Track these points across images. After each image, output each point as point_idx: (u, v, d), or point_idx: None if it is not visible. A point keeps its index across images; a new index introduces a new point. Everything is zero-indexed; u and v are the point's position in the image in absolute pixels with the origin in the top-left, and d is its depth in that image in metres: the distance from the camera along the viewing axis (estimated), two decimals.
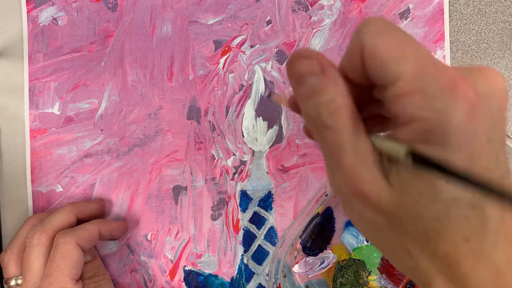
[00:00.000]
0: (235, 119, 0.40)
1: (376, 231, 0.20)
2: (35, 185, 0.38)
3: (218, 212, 0.39)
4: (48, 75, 0.38)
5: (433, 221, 0.18)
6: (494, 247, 0.19)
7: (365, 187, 0.18)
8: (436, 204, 0.18)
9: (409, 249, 0.20)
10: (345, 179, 0.19)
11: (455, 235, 0.19)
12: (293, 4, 0.40)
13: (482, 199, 0.18)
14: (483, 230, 0.19)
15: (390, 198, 0.18)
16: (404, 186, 0.18)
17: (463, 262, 0.19)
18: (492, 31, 0.41)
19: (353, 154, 0.19)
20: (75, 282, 0.32)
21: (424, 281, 0.21)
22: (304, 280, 0.39)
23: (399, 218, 0.19)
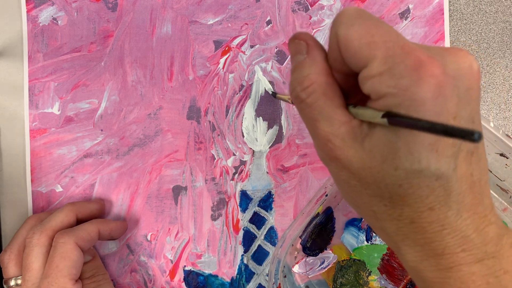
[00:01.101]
0: (235, 119, 0.40)
1: (350, 191, 0.22)
2: (35, 185, 0.38)
3: (218, 212, 0.39)
4: (48, 75, 0.38)
5: (396, 187, 0.20)
6: (459, 215, 0.20)
7: (337, 152, 0.21)
8: (397, 171, 0.19)
9: (375, 211, 0.22)
10: (320, 146, 0.21)
11: (420, 203, 0.20)
12: (293, 4, 0.40)
13: (446, 172, 0.19)
14: (447, 199, 0.20)
15: (359, 162, 0.20)
16: (373, 151, 0.20)
17: (429, 229, 0.20)
18: (492, 31, 0.41)
19: (326, 124, 0.21)
20: (74, 282, 0.32)
21: (393, 244, 0.23)
22: (304, 280, 0.39)
23: (367, 182, 0.20)
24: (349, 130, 0.20)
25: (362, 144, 0.20)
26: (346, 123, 0.20)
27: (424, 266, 0.22)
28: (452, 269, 0.21)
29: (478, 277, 0.21)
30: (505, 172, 0.37)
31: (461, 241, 0.20)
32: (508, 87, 0.42)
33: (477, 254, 0.21)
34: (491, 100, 0.42)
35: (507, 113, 0.42)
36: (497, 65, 0.41)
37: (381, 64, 0.19)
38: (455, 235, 0.20)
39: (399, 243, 0.22)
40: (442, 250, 0.21)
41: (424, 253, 0.21)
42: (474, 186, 0.20)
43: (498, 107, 0.42)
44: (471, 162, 0.20)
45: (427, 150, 0.19)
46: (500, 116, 0.42)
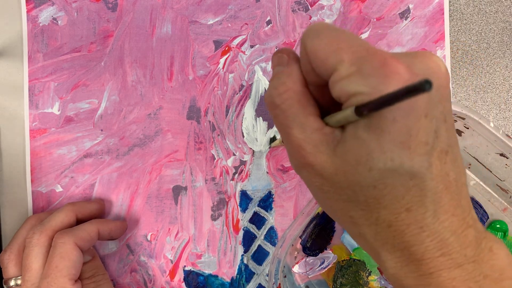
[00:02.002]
0: (235, 119, 0.40)
1: (325, 198, 0.22)
2: (35, 185, 0.38)
3: (218, 212, 0.39)
4: (48, 75, 0.38)
5: (371, 189, 0.20)
6: (437, 217, 0.20)
7: (309, 158, 0.21)
8: (371, 172, 0.19)
9: (353, 216, 0.21)
10: (293, 152, 0.22)
11: (396, 204, 0.20)
12: (293, 4, 0.40)
13: (420, 170, 0.19)
14: (423, 200, 0.20)
15: (332, 167, 0.20)
16: (346, 155, 0.20)
17: (407, 231, 0.20)
18: (492, 31, 0.41)
19: (298, 131, 0.21)
20: (74, 282, 0.32)
21: (372, 251, 0.22)
22: (304, 280, 0.39)
23: (340, 186, 0.20)
24: (321, 137, 0.21)
25: (335, 150, 0.20)
26: (318, 130, 0.21)
27: (404, 273, 0.21)
28: (432, 275, 0.21)
29: (459, 283, 0.20)
30: (505, 172, 0.37)
31: (440, 244, 0.20)
32: (508, 87, 0.42)
33: (457, 258, 0.20)
34: (491, 100, 0.42)
35: (507, 113, 0.42)
36: (497, 65, 0.41)
37: (348, 67, 0.19)
38: (434, 238, 0.20)
39: (378, 249, 0.22)
40: (421, 254, 0.20)
41: (404, 258, 0.21)
42: (451, 186, 0.20)
43: (498, 107, 0.42)
44: (446, 161, 0.20)
45: (399, 148, 0.19)
46: (500, 116, 0.42)
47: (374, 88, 0.18)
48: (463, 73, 0.42)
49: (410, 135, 0.19)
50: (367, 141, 0.19)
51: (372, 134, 0.19)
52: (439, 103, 0.20)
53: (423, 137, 0.19)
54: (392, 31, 0.40)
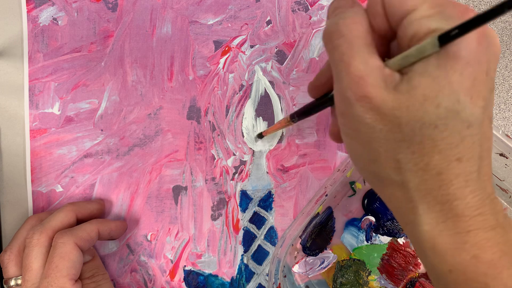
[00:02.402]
0: (235, 119, 0.40)
1: (371, 139, 0.21)
2: (35, 185, 0.38)
3: (218, 212, 0.39)
4: (48, 75, 0.38)
5: (432, 128, 0.20)
6: (480, 175, 0.21)
7: (370, 90, 0.20)
8: (438, 109, 0.19)
9: (400, 160, 0.21)
10: (351, 83, 0.21)
11: (449, 151, 0.20)
12: (293, 4, 0.40)
13: (477, 121, 0.20)
14: (473, 153, 0.20)
15: (394, 101, 0.20)
16: (413, 90, 0.20)
17: (454, 182, 0.20)
18: None
19: (362, 63, 0.20)
20: (74, 282, 0.32)
21: (409, 205, 0.22)
22: (304, 280, 0.39)
23: (399, 123, 0.20)
24: (381, 75, 0.20)
25: (396, 88, 0.20)
26: (379, 69, 0.21)
27: (439, 229, 0.21)
28: (470, 234, 0.21)
29: (494, 244, 0.21)
30: (504, 172, 0.37)
31: (479, 203, 0.21)
32: (508, 87, 0.42)
33: (491, 220, 0.21)
34: None
35: (507, 113, 0.42)
36: (497, 65, 0.42)
37: (430, 8, 0.20)
38: (475, 195, 0.20)
39: (417, 201, 0.21)
40: (462, 210, 0.20)
41: (443, 213, 0.21)
42: (490, 151, 0.21)
43: (498, 107, 0.42)
44: (491, 127, 0.21)
45: (464, 94, 0.19)
46: (500, 116, 0.42)
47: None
48: None
49: (474, 84, 0.19)
50: (439, 78, 0.19)
51: (445, 72, 0.19)
52: (494, 70, 0.21)
53: (483, 91, 0.20)
54: None
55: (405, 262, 0.39)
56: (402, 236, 0.39)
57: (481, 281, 0.21)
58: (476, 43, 0.19)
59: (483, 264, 0.20)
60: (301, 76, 0.40)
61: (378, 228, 0.39)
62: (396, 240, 0.39)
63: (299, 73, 0.40)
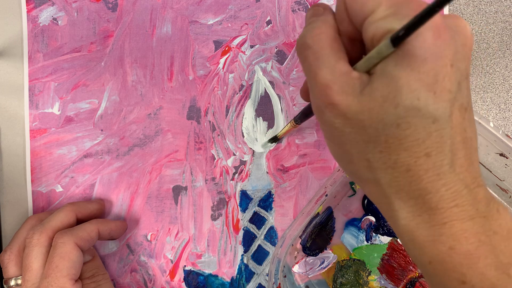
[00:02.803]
0: (235, 119, 0.40)
1: (343, 141, 0.22)
2: (35, 185, 0.38)
3: (218, 212, 0.39)
4: (48, 75, 0.38)
5: (394, 127, 0.20)
6: (453, 167, 0.21)
7: (336, 97, 0.21)
8: (397, 109, 0.20)
9: (369, 159, 0.22)
10: (319, 92, 0.22)
11: (416, 148, 0.20)
12: (293, 4, 0.40)
13: (442, 116, 0.20)
14: (443, 147, 0.20)
15: (357, 106, 0.21)
16: (373, 93, 0.20)
17: (424, 177, 0.21)
18: (492, 31, 0.41)
19: (328, 72, 0.21)
20: (74, 282, 0.32)
21: (385, 200, 0.22)
22: (304, 280, 0.39)
23: (363, 125, 0.21)
24: (348, 80, 0.21)
25: (362, 91, 0.21)
26: (346, 74, 0.21)
27: (416, 223, 0.22)
28: (445, 225, 0.21)
29: (470, 235, 0.21)
30: (504, 172, 0.37)
31: (454, 195, 0.21)
32: (508, 87, 0.42)
33: (469, 211, 0.21)
34: (490, 100, 0.42)
35: (507, 113, 0.42)
36: (497, 65, 0.41)
37: (386, 9, 0.20)
38: (449, 187, 0.21)
39: (392, 196, 0.22)
40: (436, 203, 0.21)
41: (418, 207, 0.21)
42: (467, 142, 0.21)
43: (498, 107, 0.42)
44: (465, 117, 0.21)
45: (426, 90, 0.19)
46: (500, 116, 0.42)
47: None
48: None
49: (437, 79, 0.19)
50: (396, 77, 0.20)
51: (402, 71, 0.19)
52: (463, 59, 0.20)
53: (447, 84, 0.20)
54: None
55: (405, 262, 0.39)
56: None
57: (458, 271, 0.21)
58: (433, 38, 0.19)
59: (459, 254, 0.21)
60: (301, 76, 0.40)
61: (378, 228, 0.39)
62: (396, 240, 0.39)
63: (299, 73, 0.40)
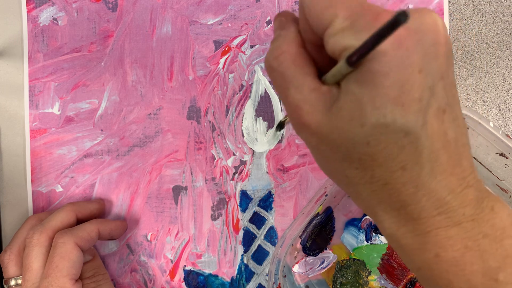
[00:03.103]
0: (235, 119, 0.40)
1: (322, 158, 0.22)
2: (35, 185, 0.38)
3: (218, 212, 0.39)
4: (48, 75, 0.38)
5: (364, 145, 0.19)
6: (434, 176, 0.20)
7: (306, 117, 0.21)
8: (364, 128, 0.19)
9: (347, 175, 0.21)
10: (291, 113, 0.21)
11: (390, 162, 0.20)
12: (293, 4, 0.40)
13: (414, 128, 0.19)
14: (419, 158, 0.19)
15: (327, 125, 0.20)
16: (340, 111, 0.20)
17: (402, 190, 0.20)
18: (492, 31, 0.41)
19: (296, 92, 0.21)
20: (74, 282, 0.32)
21: (369, 210, 0.22)
22: (304, 280, 0.39)
23: (335, 145, 0.20)
24: (318, 96, 0.20)
25: (331, 108, 0.20)
26: (315, 90, 0.21)
27: (401, 233, 0.21)
28: (429, 234, 0.21)
29: (456, 241, 0.20)
30: (504, 172, 0.37)
31: (437, 203, 0.20)
32: (508, 87, 0.42)
33: (454, 217, 0.20)
34: (490, 100, 0.42)
35: (506, 113, 0.42)
36: (497, 65, 0.41)
37: (342, 21, 0.19)
38: (430, 196, 0.20)
39: (375, 208, 0.22)
40: (418, 214, 0.20)
41: (401, 218, 0.21)
42: (449, 145, 0.20)
43: (498, 107, 0.42)
44: (444, 121, 0.20)
45: (392, 104, 0.18)
46: (500, 116, 0.42)
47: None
48: (463, 73, 0.42)
49: (403, 91, 0.18)
50: (359, 95, 0.19)
51: (364, 89, 0.19)
52: (435, 60, 0.19)
53: (416, 93, 0.18)
54: None
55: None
56: None
57: (445, 278, 0.21)
58: (393, 49, 0.18)
59: (445, 262, 0.21)
60: None
61: (378, 228, 0.39)
62: None
63: None
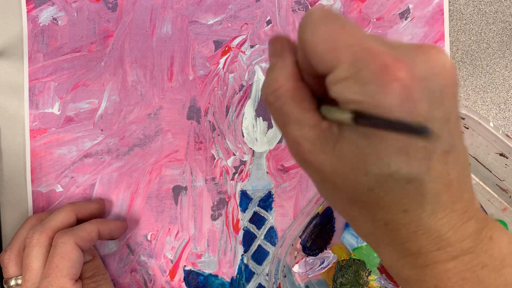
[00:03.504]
0: (235, 119, 0.40)
1: (324, 193, 0.22)
2: (35, 185, 0.38)
3: (218, 212, 0.39)
4: (48, 75, 0.38)
5: (368, 191, 0.19)
6: (435, 215, 0.20)
7: (308, 155, 0.20)
8: (367, 177, 0.19)
9: (349, 213, 0.22)
10: (291, 149, 0.21)
11: (393, 206, 0.20)
12: (293, 4, 0.40)
13: (418, 175, 0.19)
14: (421, 201, 0.20)
15: (330, 166, 0.20)
16: (342, 157, 0.19)
17: (403, 230, 0.20)
18: (492, 31, 0.41)
19: (295, 128, 0.20)
20: (74, 282, 0.32)
21: (370, 244, 0.23)
22: (304, 280, 0.39)
23: (338, 187, 0.20)
24: (319, 134, 0.20)
25: (333, 148, 0.20)
26: (315, 127, 0.20)
27: (400, 264, 0.22)
28: (428, 267, 0.21)
29: (453, 274, 0.21)
30: (504, 172, 0.37)
31: (436, 240, 0.20)
32: (508, 87, 0.42)
33: (453, 251, 0.20)
34: (490, 100, 0.42)
35: (507, 113, 0.42)
36: (497, 65, 0.41)
37: (346, 69, 0.18)
38: (429, 235, 0.20)
39: (375, 243, 0.22)
40: (417, 249, 0.21)
41: (400, 252, 0.21)
42: (452, 184, 0.20)
43: (498, 107, 0.42)
44: (448, 162, 0.19)
45: (396, 154, 0.18)
46: (500, 116, 0.42)
47: (371, 97, 0.17)
48: (463, 73, 0.42)
49: (408, 141, 0.18)
50: (362, 146, 0.18)
51: (368, 141, 0.18)
52: (441, 105, 0.18)
53: (421, 142, 0.18)
54: (392, 31, 0.40)
55: None
56: None
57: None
58: (400, 104, 0.17)
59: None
60: None
61: None
62: None
63: None
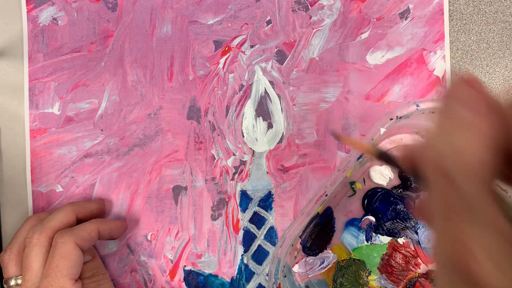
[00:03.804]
0: (235, 119, 0.40)
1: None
2: (35, 185, 0.38)
3: (218, 212, 0.39)
4: (48, 75, 0.38)
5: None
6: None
7: (474, 267, 0.14)
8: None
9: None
10: (451, 249, 0.15)
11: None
12: (293, 4, 0.40)
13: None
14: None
15: (501, 284, 0.14)
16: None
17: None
18: (492, 31, 0.41)
19: (476, 231, 0.15)
20: (74, 282, 0.32)
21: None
22: (304, 280, 0.39)
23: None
24: (501, 241, 0.14)
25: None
26: (501, 233, 0.14)
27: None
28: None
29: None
30: None
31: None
32: (508, 87, 0.42)
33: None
34: None
35: None
36: (497, 65, 0.41)
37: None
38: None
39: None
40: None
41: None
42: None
43: None
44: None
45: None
46: None
47: None
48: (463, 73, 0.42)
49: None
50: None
51: None
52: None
53: None
54: (392, 31, 0.40)
55: (405, 262, 0.39)
56: (402, 236, 0.39)
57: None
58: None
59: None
60: (301, 76, 0.40)
61: (378, 228, 0.39)
62: (396, 240, 0.39)
63: (299, 73, 0.40)
